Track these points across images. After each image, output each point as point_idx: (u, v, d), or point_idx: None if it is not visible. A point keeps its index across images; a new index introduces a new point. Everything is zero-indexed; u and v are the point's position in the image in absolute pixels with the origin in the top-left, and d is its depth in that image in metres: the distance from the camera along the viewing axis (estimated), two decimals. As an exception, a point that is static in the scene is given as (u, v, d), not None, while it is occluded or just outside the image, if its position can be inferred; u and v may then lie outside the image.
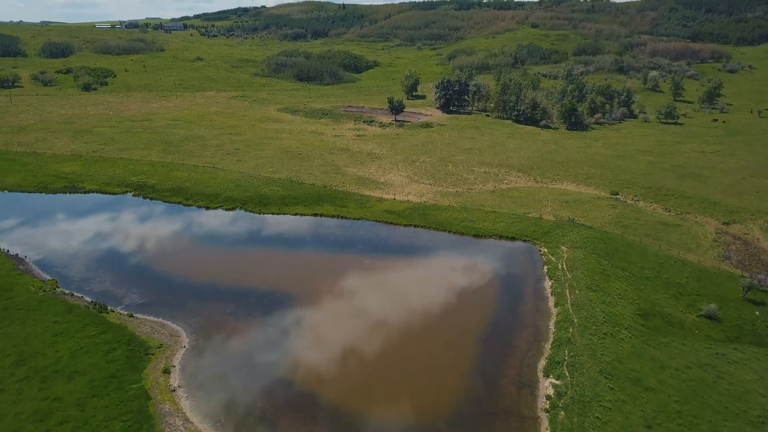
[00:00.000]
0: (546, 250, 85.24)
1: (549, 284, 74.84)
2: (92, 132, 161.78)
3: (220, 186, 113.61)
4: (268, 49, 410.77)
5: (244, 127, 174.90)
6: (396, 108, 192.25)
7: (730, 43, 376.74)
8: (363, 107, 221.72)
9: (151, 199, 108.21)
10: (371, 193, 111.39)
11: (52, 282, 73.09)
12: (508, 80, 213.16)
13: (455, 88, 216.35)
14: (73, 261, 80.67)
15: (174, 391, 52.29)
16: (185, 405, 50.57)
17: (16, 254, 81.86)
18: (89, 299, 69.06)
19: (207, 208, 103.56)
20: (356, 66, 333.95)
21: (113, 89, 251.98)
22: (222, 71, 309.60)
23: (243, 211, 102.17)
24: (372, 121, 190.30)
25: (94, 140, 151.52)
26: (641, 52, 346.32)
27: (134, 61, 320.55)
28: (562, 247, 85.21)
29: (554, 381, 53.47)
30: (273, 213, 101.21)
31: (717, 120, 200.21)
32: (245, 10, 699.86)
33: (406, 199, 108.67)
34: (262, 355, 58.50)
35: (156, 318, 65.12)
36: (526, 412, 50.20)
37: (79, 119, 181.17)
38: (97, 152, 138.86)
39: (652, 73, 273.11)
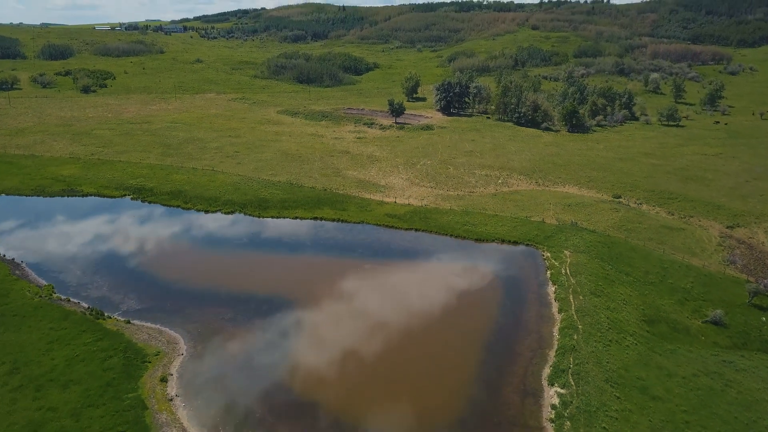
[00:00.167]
0: (549, 254, 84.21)
1: (552, 289, 73.82)
2: (91, 134, 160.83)
3: (220, 189, 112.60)
4: (267, 51, 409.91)
5: (244, 130, 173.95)
6: (396, 110, 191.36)
7: (730, 45, 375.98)
8: (363, 109, 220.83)
9: (149, 202, 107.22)
10: (372, 197, 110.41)
11: (49, 287, 72.03)
12: (509, 82, 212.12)
13: (456, 90, 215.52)
14: (70, 266, 79.66)
15: (171, 400, 51.23)
16: (182, 415, 49.50)
17: (12, 259, 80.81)
18: (86, 305, 68.07)
19: (206, 211, 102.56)
20: (356, 68, 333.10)
21: (112, 91, 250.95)
22: (222, 73, 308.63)
23: (242, 214, 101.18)
24: (372, 124, 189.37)
25: (93, 143, 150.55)
26: (642, 54, 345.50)
27: (134, 63, 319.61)
28: (565, 252, 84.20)
29: (559, 390, 52.42)
30: (273, 216, 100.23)
31: (719, 122, 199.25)
32: (245, 12, 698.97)
33: (406, 202, 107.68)
34: (262, 363, 57.43)
35: (153, 324, 64.08)
36: (531, 422, 49.12)
37: (77, 121, 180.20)
38: (96, 155, 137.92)
39: (653, 75, 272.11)
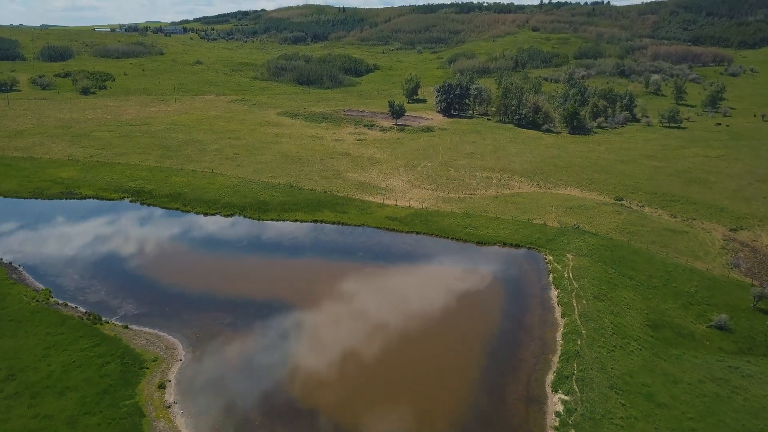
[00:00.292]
0: (551, 257, 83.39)
1: (555, 293, 72.99)
2: (90, 136, 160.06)
3: (219, 192, 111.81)
4: (267, 52, 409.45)
5: (244, 132, 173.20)
6: (397, 112, 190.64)
7: (731, 47, 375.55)
8: (363, 111, 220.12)
9: (148, 205, 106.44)
10: (372, 199, 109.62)
11: (46, 292, 71.24)
12: (510, 84, 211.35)
13: (456, 91, 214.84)
14: (67, 269, 78.82)
15: (169, 407, 50.39)
16: (180, 423, 48.66)
17: (10, 263, 79.98)
18: (83, 310, 67.27)
19: (205, 214, 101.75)
20: (356, 70, 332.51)
21: (112, 93, 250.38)
22: (221, 75, 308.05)
23: (242, 217, 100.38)
24: (372, 125, 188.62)
25: (92, 145, 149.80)
26: (642, 55, 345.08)
27: (133, 64, 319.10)
28: (568, 255, 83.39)
29: (563, 397, 51.58)
30: (272, 219, 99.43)
31: (720, 124, 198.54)
32: (245, 13, 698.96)
33: (407, 204, 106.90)
34: (261, 369, 56.58)
35: (151, 329, 63.28)
36: (535, 430, 48.28)
37: (77, 123, 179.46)
38: (95, 157, 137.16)
39: (654, 76, 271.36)
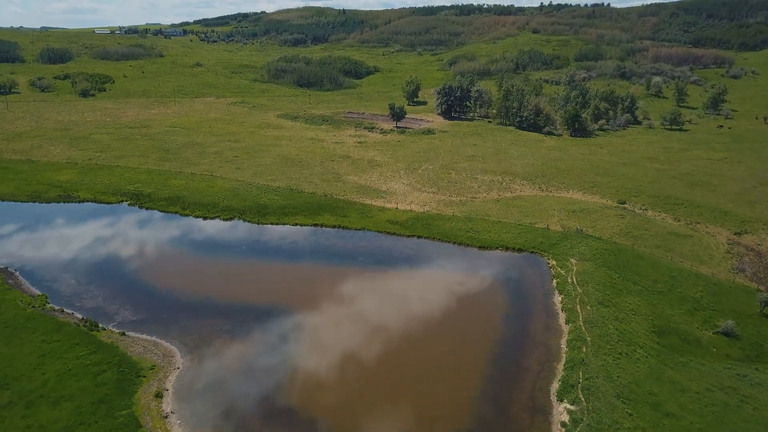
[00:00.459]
0: (554, 262, 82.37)
1: (559, 299, 71.96)
2: (89, 139, 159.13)
3: (218, 195, 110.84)
4: (267, 54, 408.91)
5: (243, 134, 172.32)
6: (397, 114, 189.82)
7: (732, 49, 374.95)
8: (364, 113, 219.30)
9: (147, 208, 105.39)
10: (373, 202, 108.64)
11: (42, 297, 70.20)
12: (511, 86, 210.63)
13: (457, 94, 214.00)
14: (64, 274, 77.75)
15: (166, 417, 49.29)
16: (178, 433, 47.60)
17: (6, 267, 78.91)
18: (80, 316, 66.20)
19: (204, 218, 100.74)
20: (356, 72, 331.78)
21: (111, 95, 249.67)
22: (221, 77, 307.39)
23: (241, 221, 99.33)
24: (373, 128, 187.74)
25: (91, 147, 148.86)
26: (643, 57, 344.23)
27: (133, 66, 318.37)
28: (571, 260, 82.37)
29: (569, 406, 50.49)
30: (272, 223, 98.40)
31: (722, 126, 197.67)
32: (245, 15, 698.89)
33: (408, 208, 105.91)
34: (261, 377, 55.49)
35: (149, 336, 62.18)
36: (541, 440, 47.27)
37: (75, 126, 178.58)
38: (93, 160, 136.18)
39: (655, 78, 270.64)
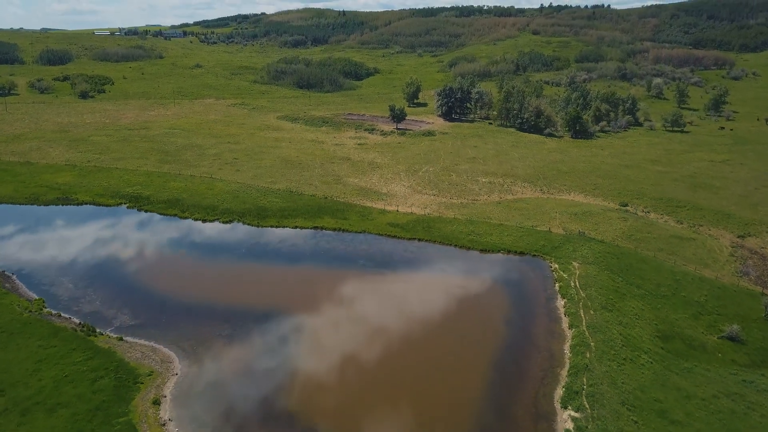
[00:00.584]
0: (557, 266, 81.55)
1: (562, 303, 71.14)
2: (88, 141, 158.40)
3: (218, 197, 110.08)
4: (267, 56, 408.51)
5: (243, 136, 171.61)
6: (397, 116, 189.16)
7: (732, 50, 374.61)
8: (364, 115, 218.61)
9: (145, 211, 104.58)
10: (373, 205, 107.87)
11: (39, 302, 69.40)
12: (512, 87, 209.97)
13: (457, 95, 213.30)
14: (62, 278, 76.93)
15: (164, 425, 48.48)
16: (176, 441, 46.82)
17: (3, 271, 78.05)
18: (77, 320, 65.38)
19: (203, 220, 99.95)
20: (356, 73, 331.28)
21: (111, 97, 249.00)
22: (221, 78, 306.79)
23: (241, 224, 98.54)
24: (373, 129, 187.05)
25: (90, 149, 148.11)
26: (644, 59, 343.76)
27: (133, 68, 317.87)
28: (574, 263, 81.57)
29: (573, 413, 49.67)
30: (272, 226, 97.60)
31: (724, 128, 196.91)
32: (245, 17, 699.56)
33: (409, 210, 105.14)
34: (261, 384, 54.68)
35: (147, 341, 61.37)
36: (545, 449, 46.47)
37: (74, 128, 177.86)
38: (92, 162, 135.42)
39: (656, 80, 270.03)
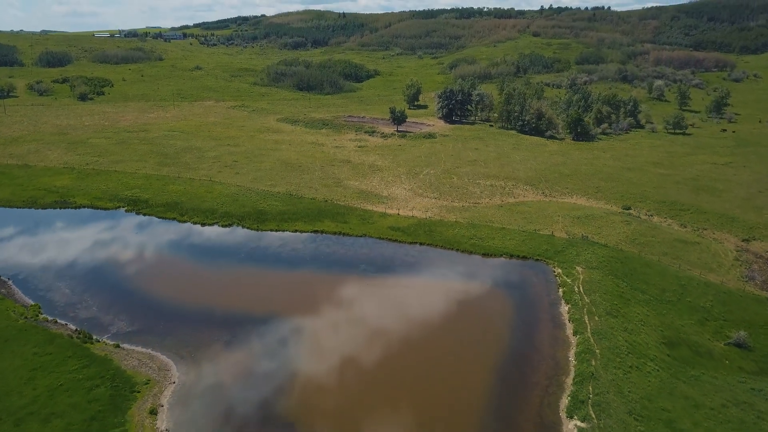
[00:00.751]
0: (560, 270, 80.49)
1: (566, 309, 70.09)
2: (86, 143, 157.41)
3: (217, 201, 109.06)
4: (267, 58, 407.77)
5: (243, 138, 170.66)
6: (398, 118, 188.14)
7: (733, 52, 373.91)
8: (364, 117, 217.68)
9: (144, 214, 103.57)
10: (374, 208, 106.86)
11: (35, 307, 68.36)
12: (512, 90, 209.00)
13: (458, 97, 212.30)
14: (58, 283, 75.92)
15: (161, 435, 47.47)
16: (173, 452, 45.74)
17: (-1, 276, 77.21)
18: (73, 327, 64.38)
19: (203, 224, 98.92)
20: (357, 75, 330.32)
21: (110, 99, 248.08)
22: (221, 80, 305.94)
23: (240, 227, 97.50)
24: (373, 132, 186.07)
25: (88, 152, 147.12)
26: (645, 60, 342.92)
27: (132, 70, 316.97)
28: (578, 268, 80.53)
29: (579, 423, 48.57)
30: (272, 230, 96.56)
31: (726, 130, 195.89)
32: (245, 19, 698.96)
33: (410, 214, 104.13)
34: (261, 392, 53.58)
35: (144, 349, 60.30)
36: (551, 460, 45.37)
37: (73, 130, 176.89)
38: (91, 164, 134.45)
39: (657, 82, 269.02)
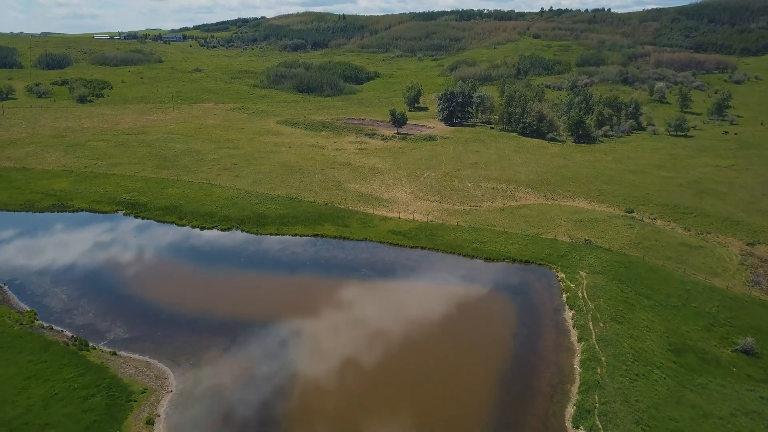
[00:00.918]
0: (563, 275, 79.49)
1: (570, 315, 69.07)
2: (85, 146, 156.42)
3: (216, 204, 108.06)
4: (267, 60, 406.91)
5: (243, 141, 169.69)
6: (398, 120, 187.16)
7: (734, 54, 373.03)
8: (364, 119, 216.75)
9: (143, 218, 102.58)
10: (374, 211, 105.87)
11: (31, 313, 67.32)
12: (513, 92, 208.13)
13: (458, 99, 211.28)
14: (55, 288, 74.85)
15: (157, 446, 46.42)
16: (169, 464, 44.69)
17: (-6, 281, 76.17)
18: (69, 334, 63.33)
19: (202, 228, 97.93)
20: (357, 77, 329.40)
21: (109, 101, 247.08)
22: (221, 83, 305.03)
23: (240, 231, 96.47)
24: (374, 134, 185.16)
25: (87, 155, 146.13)
26: (645, 62, 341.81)
27: (132, 72, 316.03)
28: (581, 273, 79.50)
29: (586, 434, 47.56)
30: (271, 233, 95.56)
31: (728, 132, 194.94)
32: (245, 20, 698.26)
33: (411, 217, 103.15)
34: (260, 401, 52.47)
35: (141, 356, 59.25)
36: (557, 472, 44.31)
37: (72, 132, 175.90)
38: (89, 167, 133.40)
39: (659, 84, 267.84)
